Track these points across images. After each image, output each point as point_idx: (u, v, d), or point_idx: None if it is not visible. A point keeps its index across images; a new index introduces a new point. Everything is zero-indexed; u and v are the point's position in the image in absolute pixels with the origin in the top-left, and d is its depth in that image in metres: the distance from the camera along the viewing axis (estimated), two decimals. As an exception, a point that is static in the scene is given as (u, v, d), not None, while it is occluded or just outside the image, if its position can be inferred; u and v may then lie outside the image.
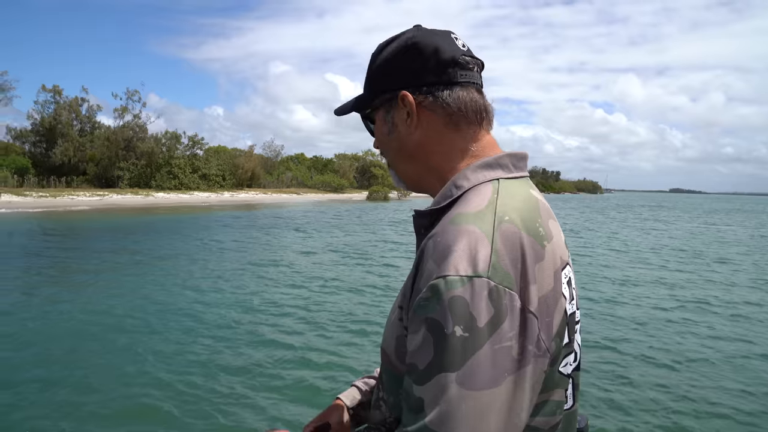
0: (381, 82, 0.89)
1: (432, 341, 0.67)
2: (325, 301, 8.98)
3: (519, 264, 0.70)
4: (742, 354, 6.58)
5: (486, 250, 0.69)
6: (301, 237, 19.58)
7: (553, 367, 0.74)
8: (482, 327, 0.66)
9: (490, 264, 0.68)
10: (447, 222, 0.75)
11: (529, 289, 0.70)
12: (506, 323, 0.67)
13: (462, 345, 0.65)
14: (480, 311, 0.66)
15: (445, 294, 0.67)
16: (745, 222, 38.65)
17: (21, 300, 8.79)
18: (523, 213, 0.75)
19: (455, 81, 0.85)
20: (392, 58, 0.87)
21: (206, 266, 12.35)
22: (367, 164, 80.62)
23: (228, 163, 58.35)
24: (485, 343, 0.65)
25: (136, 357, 5.93)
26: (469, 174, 0.82)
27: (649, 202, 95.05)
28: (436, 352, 0.66)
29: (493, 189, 0.79)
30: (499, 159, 0.84)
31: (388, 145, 0.92)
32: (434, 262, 0.70)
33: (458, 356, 0.65)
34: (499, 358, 0.66)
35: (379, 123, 0.92)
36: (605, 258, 15.52)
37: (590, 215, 42.01)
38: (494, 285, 0.67)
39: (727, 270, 13.85)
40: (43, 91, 47.94)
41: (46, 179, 44.09)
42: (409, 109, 0.86)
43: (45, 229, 20.63)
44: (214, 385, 5.20)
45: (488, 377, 0.65)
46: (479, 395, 0.65)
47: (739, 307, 9.30)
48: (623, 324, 7.85)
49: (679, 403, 5.01)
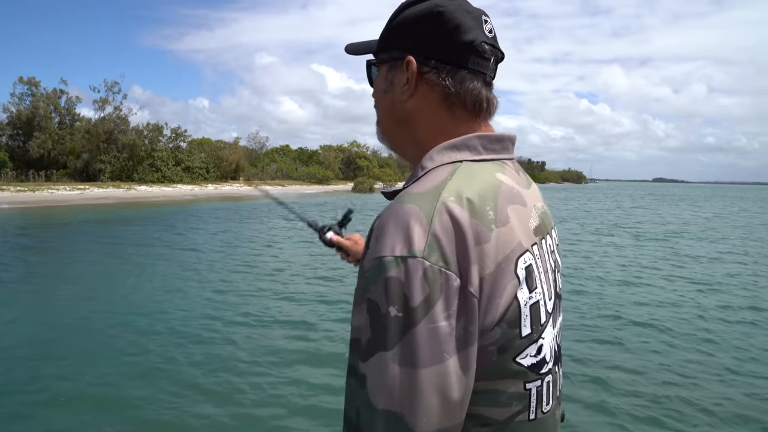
0: (394, 38, 0.87)
1: (369, 320, 0.69)
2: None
3: (459, 244, 0.69)
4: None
5: (423, 229, 0.69)
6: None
7: (503, 355, 0.73)
8: (416, 307, 0.66)
9: (426, 243, 0.68)
10: (395, 200, 0.75)
11: (470, 270, 0.69)
12: (440, 303, 0.67)
13: (397, 325, 0.66)
14: (414, 291, 0.66)
15: (381, 274, 0.68)
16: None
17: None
18: (475, 195, 0.74)
19: (464, 66, 0.83)
20: (412, 19, 0.84)
21: (184, 265, 12.21)
22: (353, 155, 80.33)
23: (212, 155, 57.72)
24: (420, 322, 0.66)
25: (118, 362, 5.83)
26: (434, 155, 0.81)
27: (645, 192, 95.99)
28: (373, 330, 0.68)
29: (451, 170, 0.77)
30: (467, 140, 0.82)
31: (381, 103, 0.91)
32: (375, 240, 0.71)
33: (394, 335, 0.66)
34: (436, 337, 0.66)
35: (380, 78, 0.90)
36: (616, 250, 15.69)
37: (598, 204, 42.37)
38: (429, 265, 0.67)
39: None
40: (19, 83, 46.91)
41: (25, 173, 43.22)
42: (409, 76, 0.84)
43: (18, 226, 20.23)
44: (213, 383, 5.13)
45: (425, 356, 0.66)
46: (416, 373, 0.66)
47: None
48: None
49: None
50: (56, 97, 48.26)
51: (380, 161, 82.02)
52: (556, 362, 0.83)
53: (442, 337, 0.67)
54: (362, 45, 0.96)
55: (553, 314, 0.84)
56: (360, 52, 0.96)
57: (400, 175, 76.85)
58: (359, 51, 0.96)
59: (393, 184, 70.96)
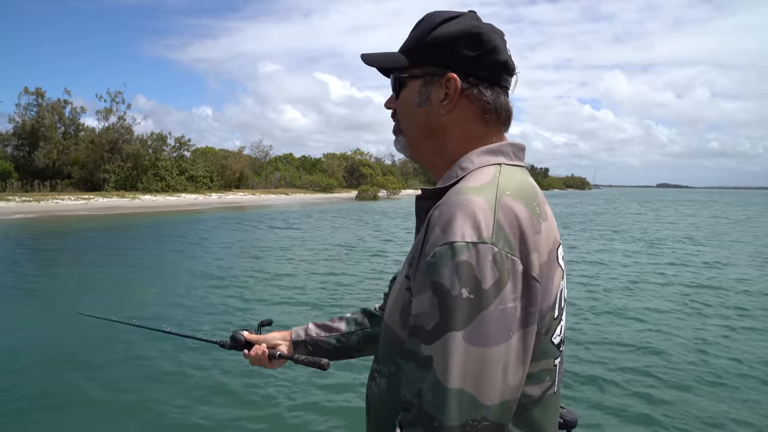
0: (432, 55, 0.90)
1: (438, 303, 0.72)
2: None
3: (519, 233, 0.76)
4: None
5: (489, 218, 0.74)
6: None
7: (546, 336, 0.81)
8: (487, 289, 0.71)
9: (494, 231, 0.73)
10: (452, 193, 0.80)
11: (531, 256, 0.76)
12: (509, 285, 0.72)
13: (468, 306, 0.71)
14: (485, 275, 0.71)
15: (452, 259, 0.72)
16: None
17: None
18: (523, 192, 0.82)
19: (498, 83, 0.90)
20: (451, 38, 0.88)
21: (193, 271, 12.16)
22: (356, 163, 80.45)
23: (216, 164, 57.92)
24: (491, 304, 0.71)
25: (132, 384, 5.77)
26: (474, 157, 0.88)
27: (650, 198, 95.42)
28: (442, 312, 0.72)
29: (496, 170, 0.85)
30: (502, 147, 0.90)
31: (410, 115, 0.93)
32: (440, 228, 0.75)
33: (465, 316, 0.71)
34: (504, 317, 0.72)
35: (412, 92, 0.92)
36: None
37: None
38: (498, 251, 0.72)
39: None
40: (25, 93, 47.28)
41: (30, 183, 43.44)
42: (451, 92, 0.88)
43: (23, 237, 20.26)
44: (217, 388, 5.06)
45: (494, 334, 0.71)
46: (486, 351, 0.70)
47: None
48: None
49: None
50: (61, 107, 48.62)
51: (383, 169, 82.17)
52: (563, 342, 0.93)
53: (509, 318, 0.72)
54: (385, 58, 0.96)
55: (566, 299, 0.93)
56: (384, 65, 0.96)
57: (404, 182, 76.90)
58: (383, 64, 0.96)
59: (396, 191, 70.95)
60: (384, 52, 0.97)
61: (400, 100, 0.95)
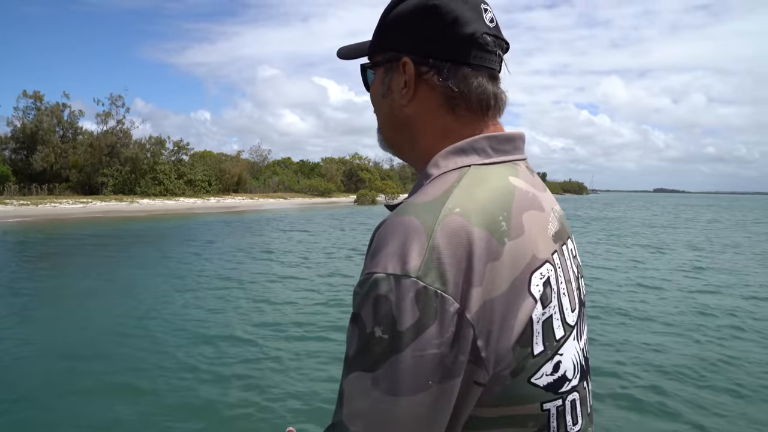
0: (387, 37, 0.79)
1: (357, 337, 0.63)
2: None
3: (462, 262, 0.63)
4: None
5: (421, 246, 0.62)
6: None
7: (516, 377, 0.67)
8: (403, 331, 0.60)
9: (422, 262, 0.61)
10: (394, 213, 0.68)
11: (471, 292, 0.62)
12: (433, 328, 0.60)
13: (380, 346, 0.61)
14: (403, 314, 0.60)
15: (371, 292, 0.62)
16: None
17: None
18: (485, 204, 0.67)
19: (466, 61, 0.75)
20: (406, 16, 0.76)
21: (193, 274, 12.12)
22: (355, 168, 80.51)
23: (214, 168, 57.89)
24: (405, 349, 0.60)
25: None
26: (440, 160, 0.74)
27: (649, 203, 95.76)
28: (358, 348, 0.63)
29: (458, 177, 0.70)
30: (474, 143, 0.75)
31: (379, 108, 0.84)
32: (370, 255, 0.66)
33: (375, 358, 0.61)
34: (422, 365, 0.60)
35: (377, 81, 0.82)
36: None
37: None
38: (422, 286, 0.61)
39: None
40: (23, 97, 47.25)
41: (28, 187, 43.34)
42: (407, 79, 0.77)
43: (21, 241, 20.19)
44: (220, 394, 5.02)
45: (408, 384, 0.60)
46: (396, 401, 0.60)
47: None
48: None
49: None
50: (59, 110, 48.61)
51: (382, 173, 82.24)
52: (582, 378, 0.75)
53: (428, 366, 0.61)
54: (354, 48, 0.88)
55: (577, 326, 0.75)
56: (353, 56, 0.88)
57: (402, 187, 76.96)
58: (352, 55, 0.88)
59: (395, 196, 70.96)
60: (357, 43, 0.89)
61: (370, 92, 0.85)
